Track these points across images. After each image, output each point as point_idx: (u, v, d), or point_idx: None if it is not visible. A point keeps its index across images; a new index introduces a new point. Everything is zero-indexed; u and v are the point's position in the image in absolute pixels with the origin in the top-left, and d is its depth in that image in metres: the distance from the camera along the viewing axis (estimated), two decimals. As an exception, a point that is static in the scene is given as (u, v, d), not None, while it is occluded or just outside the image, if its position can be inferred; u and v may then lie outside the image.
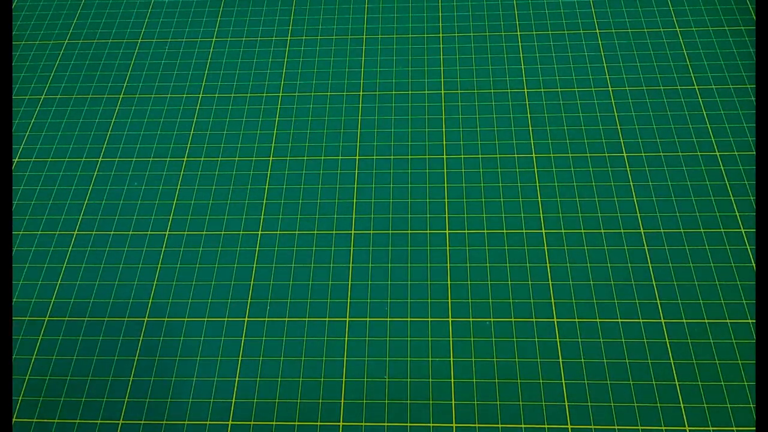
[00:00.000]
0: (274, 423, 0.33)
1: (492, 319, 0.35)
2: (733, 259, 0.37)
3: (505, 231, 0.38)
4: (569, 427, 0.32)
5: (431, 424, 0.32)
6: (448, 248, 0.38)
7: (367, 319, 0.36)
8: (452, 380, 0.33)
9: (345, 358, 0.34)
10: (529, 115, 0.43)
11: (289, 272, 0.38)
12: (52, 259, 0.39)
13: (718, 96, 0.44)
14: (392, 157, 0.42)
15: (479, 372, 0.34)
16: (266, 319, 0.36)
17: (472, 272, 0.37)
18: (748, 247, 0.37)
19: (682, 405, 0.32)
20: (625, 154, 0.41)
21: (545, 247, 0.38)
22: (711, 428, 0.31)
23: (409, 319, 0.36)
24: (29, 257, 0.39)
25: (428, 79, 0.46)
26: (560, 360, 0.34)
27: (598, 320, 0.35)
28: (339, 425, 0.32)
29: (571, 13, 0.49)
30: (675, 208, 0.39)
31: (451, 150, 0.42)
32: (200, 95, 0.46)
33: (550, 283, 0.36)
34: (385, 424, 0.32)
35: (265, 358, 0.35)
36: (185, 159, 0.43)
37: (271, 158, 0.42)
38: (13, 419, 0.33)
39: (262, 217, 0.40)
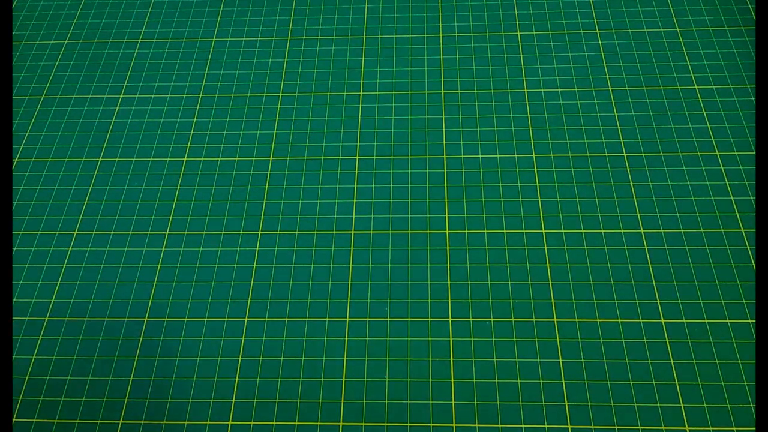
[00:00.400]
0: (274, 423, 0.33)
1: (492, 319, 0.35)
2: (733, 259, 0.37)
3: (505, 231, 0.38)
4: (569, 427, 0.32)
5: (431, 424, 0.32)
6: (448, 248, 0.38)
7: (367, 319, 0.36)
8: (452, 380, 0.33)
9: (345, 358, 0.34)
10: (529, 115, 0.43)
11: (289, 272, 0.38)
12: (52, 259, 0.39)
13: (718, 96, 0.43)
14: (392, 157, 0.42)
15: (479, 372, 0.34)
16: (266, 319, 0.36)
17: (472, 272, 0.37)
18: (748, 247, 0.37)
19: (682, 405, 0.32)
20: (625, 154, 0.41)
21: (545, 247, 0.38)
22: (711, 428, 0.31)
23: (409, 319, 0.36)
24: (29, 257, 0.39)
25: (428, 79, 0.46)
26: (560, 360, 0.34)
27: (598, 320, 0.35)
28: (339, 425, 0.32)
29: (571, 13, 0.49)
30: (675, 208, 0.39)
31: (451, 150, 0.42)
32: (200, 95, 0.46)
33: (550, 283, 0.36)
34: (385, 424, 0.32)
35: (265, 358, 0.35)
36: (185, 159, 0.43)
37: (271, 158, 0.42)
38: (13, 419, 0.33)
39: (262, 217, 0.40)
